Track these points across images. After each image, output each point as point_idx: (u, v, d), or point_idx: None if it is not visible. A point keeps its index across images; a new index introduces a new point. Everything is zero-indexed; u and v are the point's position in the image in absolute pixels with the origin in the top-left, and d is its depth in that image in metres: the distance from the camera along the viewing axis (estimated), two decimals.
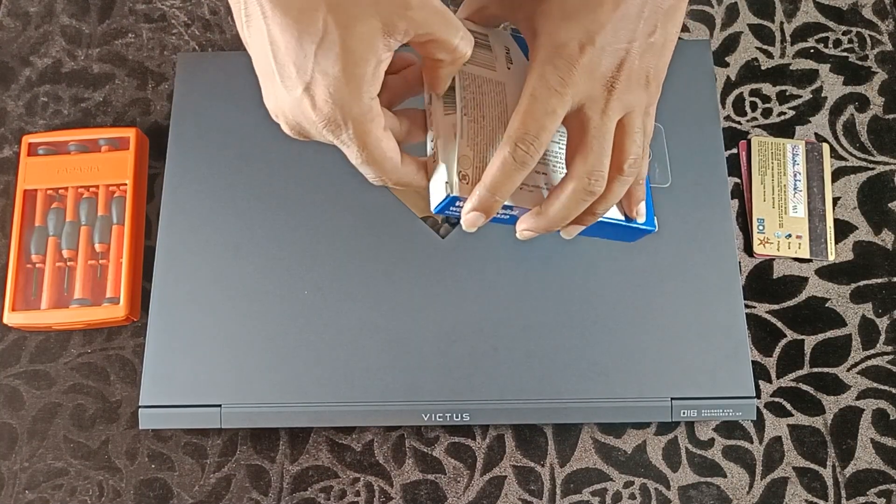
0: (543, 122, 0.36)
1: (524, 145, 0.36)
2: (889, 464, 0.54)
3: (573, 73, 0.36)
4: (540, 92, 0.36)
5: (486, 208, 0.38)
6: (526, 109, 0.36)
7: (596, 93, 0.37)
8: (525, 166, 0.37)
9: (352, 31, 0.33)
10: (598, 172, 0.38)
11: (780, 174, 0.60)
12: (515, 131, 0.36)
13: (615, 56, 0.37)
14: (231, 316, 0.54)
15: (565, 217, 0.40)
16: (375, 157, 0.36)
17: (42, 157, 0.60)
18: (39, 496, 0.54)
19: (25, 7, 0.67)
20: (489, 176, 0.37)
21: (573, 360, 0.53)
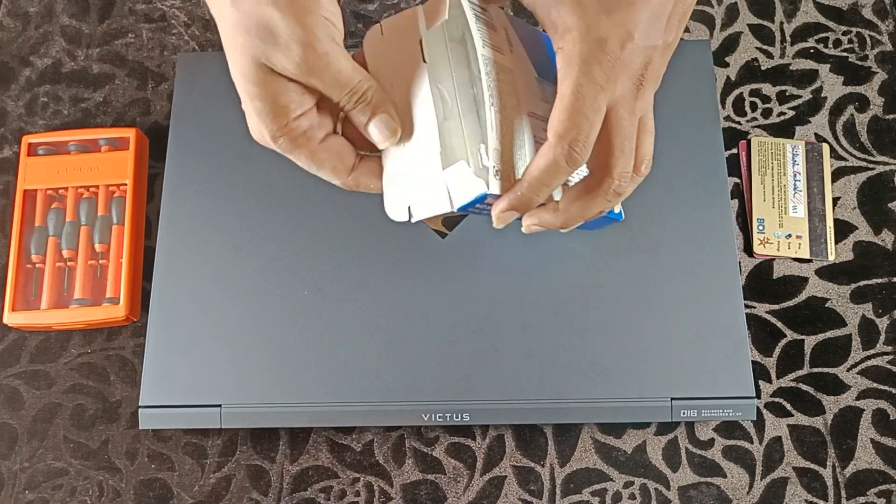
0: (593, 120, 0.35)
1: (577, 146, 0.35)
2: (889, 464, 0.54)
3: (615, 70, 0.35)
4: (587, 89, 0.35)
5: (523, 207, 0.37)
6: (575, 107, 0.35)
7: (628, 92, 0.36)
8: (576, 165, 0.36)
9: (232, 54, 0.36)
10: (627, 174, 0.37)
11: (780, 174, 0.60)
12: (567, 131, 0.35)
13: (645, 55, 0.36)
14: (231, 316, 0.54)
15: (584, 217, 0.39)
16: (317, 168, 0.38)
17: (42, 157, 0.60)
18: (39, 496, 0.54)
19: (25, 7, 0.67)
20: (533, 175, 0.36)
21: (573, 360, 0.53)
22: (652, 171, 0.57)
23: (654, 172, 0.57)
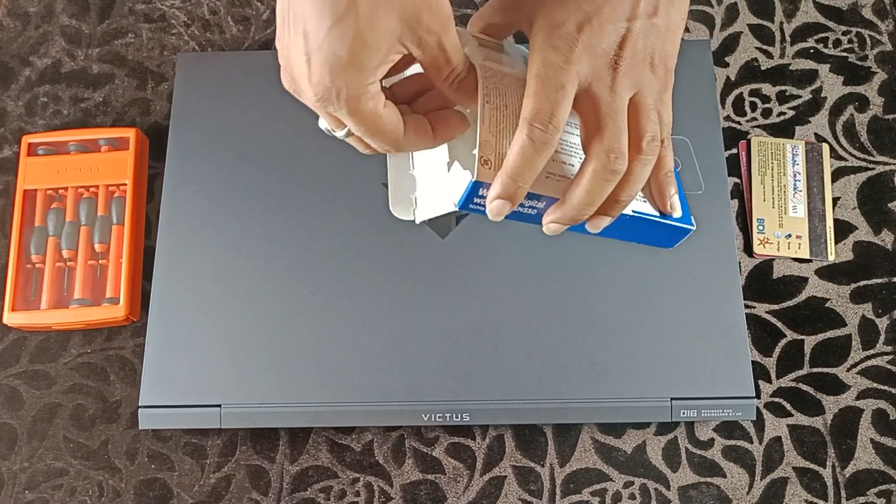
0: (555, 98, 0.36)
1: (540, 124, 0.36)
2: (889, 464, 0.54)
3: (574, 50, 0.36)
4: (544, 71, 0.36)
5: (510, 195, 0.38)
6: (535, 90, 0.36)
7: (601, 71, 0.37)
8: (545, 146, 0.36)
9: (374, 22, 0.33)
10: (617, 149, 0.37)
11: (780, 174, 0.60)
12: (529, 112, 0.36)
13: (616, 34, 0.37)
14: (231, 316, 0.54)
15: (589, 203, 0.39)
16: (376, 130, 0.37)
17: (42, 157, 0.60)
18: (39, 496, 0.54)
19: (25, 7, 0.67)
20: (510, 161, 0.37)
21: (573, 360, 0.53)
22: None
23: None
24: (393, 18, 0.33)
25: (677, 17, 0.38)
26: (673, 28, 0.38)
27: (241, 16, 0.66)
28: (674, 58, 0.39)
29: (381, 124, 0.36)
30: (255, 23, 0.66)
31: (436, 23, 0.34)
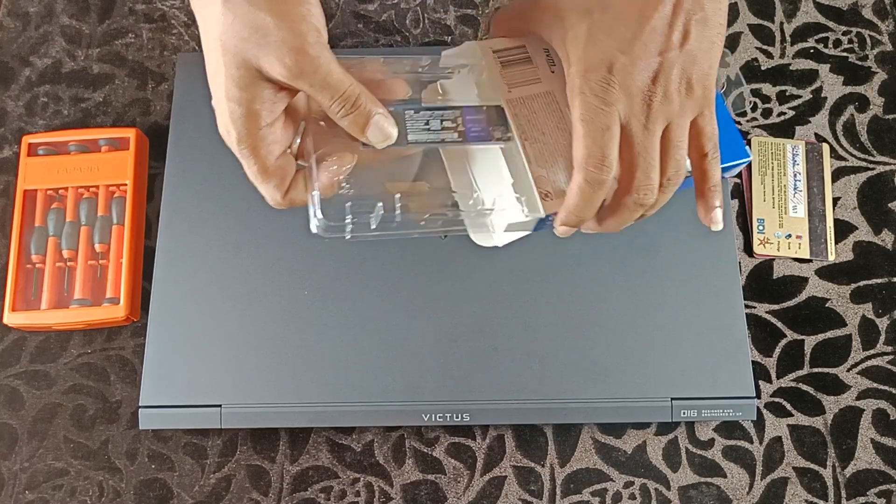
0: (602, 140, 0.37)
1: (594, 168, 0.38)
2: (889, 464, 0.54)
3: (611, 92, 0.37)
4: (588, 115, 0.37)
5: (575, 225, 0.41)
6: (583, 135, 0.38)
7: (636, 108, 0.38)
8: (601, 185, 0.38)
9: (229, 72, 0.37)
10: (648, 187, 0.39)
11: (780, 174, 0.60)
12: (582, 157, 0.38)
13: (648, 70, 0.37)
14: (231, 316, 0.54)
15: (618, 227, 0.42)
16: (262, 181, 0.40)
17: (42, 158, 0.60)
18: (39, 496, 0.54)
19: (25, 7, 0.67)
20: (571, 201, 0.39)
21: (573, 360, 0.53)
22: None
23: None
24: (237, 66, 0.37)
25: (713, 33, 0.39)
26: (707, 48, 0.39)
27: None
28: (712, 74, 0.39)
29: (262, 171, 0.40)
30: None
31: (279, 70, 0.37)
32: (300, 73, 0.37)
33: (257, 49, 0.37)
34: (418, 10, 0.66)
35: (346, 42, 0.65)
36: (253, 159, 0.40)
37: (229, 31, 0.37)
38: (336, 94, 0.38)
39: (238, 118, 0.39)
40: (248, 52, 0.37)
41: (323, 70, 0.37)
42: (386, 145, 0.40)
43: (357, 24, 0.66)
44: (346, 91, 0.38)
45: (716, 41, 0.39)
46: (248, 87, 0.38)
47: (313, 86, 0.37)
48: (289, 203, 0.42)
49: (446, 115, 0.43)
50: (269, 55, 0.36)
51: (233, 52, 0.37)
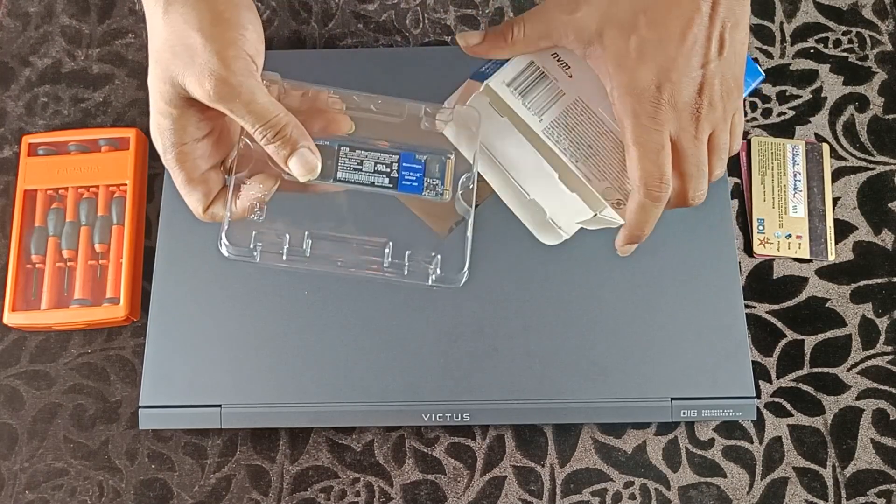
0: (657, 159, 0.39)
1: (654, 187, 0.39)
2: (889, 464, 0.54)
3: (661, 111, 0.38)
4: (642, 137, 0.39)
5: (638, 241, 0.43)
6: (639, 156, 0.39)
7: (685, 122, 0.39)
8: (660, 201, 0.40)
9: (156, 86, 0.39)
10: (701, 192, 0.41)
11: (780, 174, 0.60)
12: (640, 178, 0.39)
13: (693, 84, 0.39)
14: (231, 316, 0.54)
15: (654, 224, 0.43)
16: (185, 193, 0.41)
17: (42, 158, 0.60)
18: (39, 496, 0.54)
19: (25, 7, 0.67)
20: (632, 219, 0.41)
21: (573, 360, 0.53)
22: None
23: None
24: (164, 82, 0.38)
25: (743, 35, 0.40)
26: (739, 50, 0.40)
27: None
28: (742, 73, 0.41)
29: (186, 184, 0.41)
30: None
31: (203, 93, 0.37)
32: (219, 98, 0.37)
33: (184, 68, 0.37)
34: (418, 10, 0.66)
35: (347, 42, 0.65)
36: (177, 171, 0.40)
37: (164, 46, 0.38)
38: (259, 121, 0.38)
39: (164, 131, 0.39)
40: (175, 70, 0.37)
41: (244, 97, 0.37)
42: (308, 179, 0.40)
43: (357, 24, 0.66)
44: (272, 119, 0.38)
45: (745, 40, 0.40)
46: (173, 102, 0.38)
47: (234, 111, 0.38)
48: (209, 217, 0.42)
49: (382, 158, 0.42)
50: (192, 76, 0.37)
51: (163, 66, 0.38)
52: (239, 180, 0.41)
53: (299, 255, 0.42)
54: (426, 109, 0.43)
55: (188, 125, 0.39)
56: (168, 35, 0.38)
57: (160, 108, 0.39)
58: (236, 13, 0.38)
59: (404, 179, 0.42)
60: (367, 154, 0.42)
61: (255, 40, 0.39)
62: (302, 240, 0.42)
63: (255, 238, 0.41)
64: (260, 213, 0.41)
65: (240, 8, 0.38)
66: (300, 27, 0.66)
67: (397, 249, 0.42)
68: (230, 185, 0.41)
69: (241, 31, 0.38)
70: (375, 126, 0.43)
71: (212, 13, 0.37)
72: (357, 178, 0.42)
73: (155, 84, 0.38)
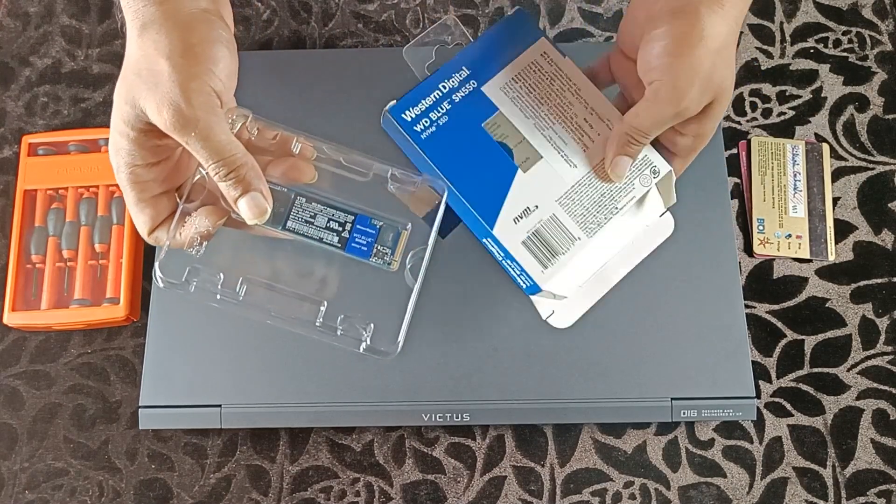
0: None
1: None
2: (889, 464, 0.54)
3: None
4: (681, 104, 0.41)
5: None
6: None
7: None
8: None
9: (118, 105, 0.39)
10: None
11: (780, 174, 0.60)
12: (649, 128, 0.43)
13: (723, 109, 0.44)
14: (231, 316, 0.54)
15: None
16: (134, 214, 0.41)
17: (42, 158, 0.60)
18: (39, 496, 0.54)
19: (25, 7, 0.67)
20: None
21: (573, 360, 0.53)
22: None
23: None
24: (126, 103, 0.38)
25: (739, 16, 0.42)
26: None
27: (241, 16, 0.66)
28: None
29: (133, 206, 0.41)
30: (255, 23, 0.66)
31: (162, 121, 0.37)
32: (174, 128, 0.37)
33: (147, 93, 0.37)
34: (418, 10, 0.66)
35: (346, 42, 0.65)
36: (127, 190, 0.40)
37: (132, 67, 0.38)
38: (214, 157, 0.38)
39: (119, 150, 0.39)
40: (138, 93, 0.37)
41: (201, 132, 0.37)
42: (256, 223, 0.40)
43: (357, 24, 0.66)
44: (227, 158, 0.38)
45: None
46: (131, 124, 0.38)
47: (189, 144, 0.37)
48: (154, 241, 0.42)
49: (337, 215, 0.42)
50: (153, 102, 0.37)
51: (127, 87, 0.38)
52: (186, 210, 0.41)
53: (232, 298, 0.41)
54: (393, 173, 0.42)
55: (143, 148, 0.39)
56: (138, 58, 0.38)
57: (119, 127, 0.39)
58: (208, 48, 0.38)
59: (354, 241, 0.42)
60: (323, 209, 0.42)
61: (225, 76, 0.39)
62: (236, 283, 0.41)
63: (189, 273, 0.41)
64: (199, 247, 0.41)
65: (213, 43, 0.38)
66: (300, 27, 0.66)
67: (330, 312, 0.42)
68: (178, 212, 0.41)
69: (210, 66, 0.38)
70: (339, 181, 0.42)
71: (183, 44, 0.37)
72: (306, 230, 0.41)
73: (118, 103, 0.39)
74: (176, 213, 0.41)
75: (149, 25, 0.38)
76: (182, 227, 0.41)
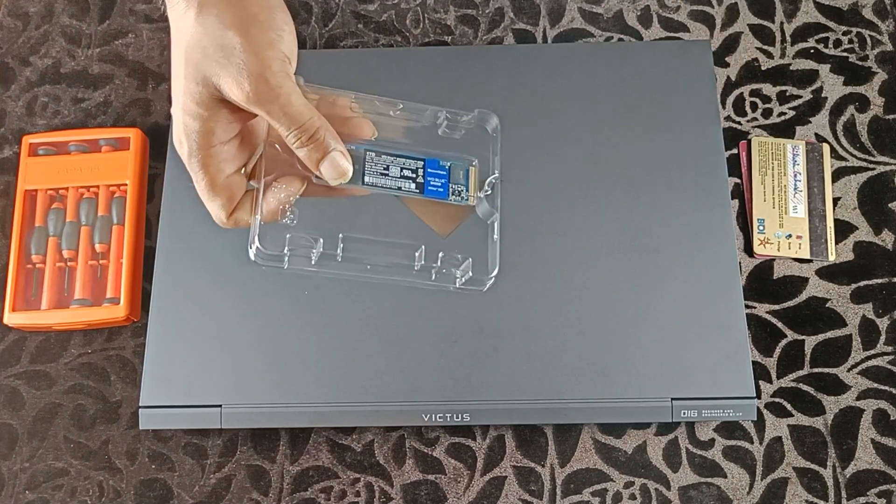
0: None
1: None
2: (889, 464, 0.54)
3: None
4: None
5: None
6: None
7: None
8: None
9: (187, 86, 0.37)
10: None
11: (781, 174, 0.60)
12: None
13: None
14: (231, 316, 0.54)
15: None
16: (209, 199, 0.40)
17: (42, 158, 0.60)
18: (39, 496, 0.54)
19: (25, 7, 0.67)
20: None
21: (573, 360, 0.53)
22: (652, 171, 0.57)
23: (654, 172, 0.57)
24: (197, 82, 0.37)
25: None
26: None
27: None
28: None
29: (212, 188, 0.40)
30: None
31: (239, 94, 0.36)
32: (257, 99, 0.37)
33: (219, 68, 0.36)
34: (418, 10, 0.66)
35: (347, 42, 0.65)
36: (202, 174, 0.40)
37: (195, 46, 0.37)
38: (294, 124, 0.38)
39: (191, 133, 0.38)
40: (210, 70, 0.37)
41: (282, 99, 0.37)
42: (339, 183, 0.40)
43: (357, 24, 0.66)
44: (306, 123, 0.38)
45: None
46: (204, 104, 0.38)
47: (270, 113, 0.37)
48: (233, 224, 0.42)
49: (408, 163, 0.42)
50: (229, 77, 0.36)
51: (195, 66, 0.37)
52: (267, 184, 0.41)
53: (330, 259, 0.42)
54: (446, 115, 0.43)
55: (216, 128, 0.38)
56: (200, 36, 0.37)
57: (189, 109, 0.38)
58: (271, 14, 0.38)
59: (430, 185, 0.43)
60: (393, 159, 0.42)
61: (291, 41, 0.38)
62: (336, 243, 0.42)
63: (290, 242, 0.41)
64: (292, 216, 0.41)
65: (273, 10, 0.38)
66: (300, 27, 0.66)
67: (429, 253, 0.43)
68: (260, 187, 0.40)
69: (278, 32, 0.37)
70: (395, 131, 0.43)
71: (247, 14, 0.37)
72: (384, 182, 0.42)
73: (186, 85, 0.38)
74: (259, 189, 0.41)
75: (207, 3, 0.37)
76: (266, 202, 0.40)
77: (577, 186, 0.56)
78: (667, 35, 0.65)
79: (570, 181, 0.57)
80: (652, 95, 0.58)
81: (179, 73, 0.38)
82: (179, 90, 0.38)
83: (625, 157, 0.57)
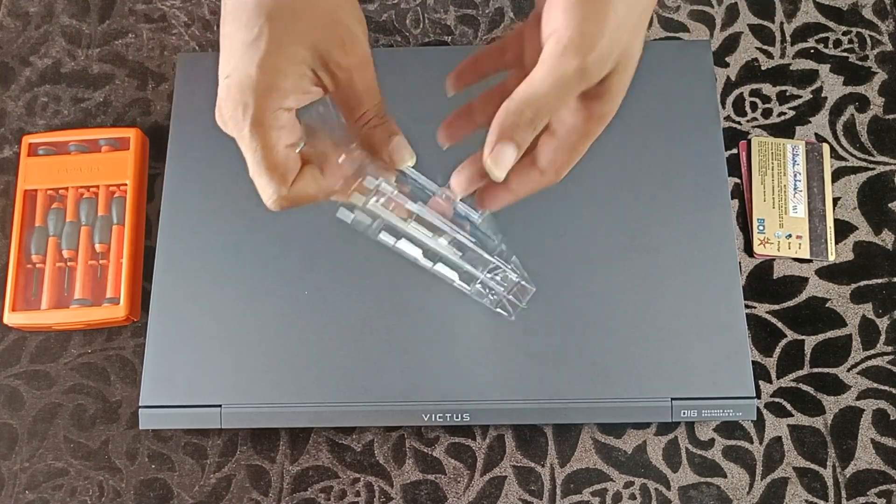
0: None
1: None
2: (889, 464, 0.54)
3: None
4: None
5: None
6: None
7: None
8: None
9: (282, 47, 0.35)
10: None
11: (781, 174, 0.60)
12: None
13: None
14: (231, 316, 0.54)
15: None
16: (269, 163, 0.36)
17: (42, 158, 0.60)
18: (39, 496, 0.54)
19: (25, 7, 0.67)
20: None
21: (573, 360, 0.53)
22: (652, 171, 0.57)
23: (655, 172, 0.57)
24: (302, 46, 0.35)
25: None
26: None
27: None
28: None
29: (273, 158, 0.36)
30: None
31: (347, 60, 0.35)
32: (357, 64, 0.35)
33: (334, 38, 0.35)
34: (418, 10, 0.66)
35: None
36: (261, 142, 0.36)
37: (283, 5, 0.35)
38: (376, 98, 0.37)
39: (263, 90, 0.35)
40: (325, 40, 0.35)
41: (372, 70, 0.36)
42: (408, 164, 0.40)
43: None
44: (379, 101, 0.37)
45: None
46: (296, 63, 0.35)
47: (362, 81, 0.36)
48: (291, 199, 0.39)
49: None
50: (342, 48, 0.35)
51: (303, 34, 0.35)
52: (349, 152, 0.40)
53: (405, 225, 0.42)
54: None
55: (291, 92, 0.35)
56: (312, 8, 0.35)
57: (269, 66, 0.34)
58: None
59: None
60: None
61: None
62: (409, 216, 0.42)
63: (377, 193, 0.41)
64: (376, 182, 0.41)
65: None
66: None
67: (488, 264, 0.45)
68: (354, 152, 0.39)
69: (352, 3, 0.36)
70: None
71: None
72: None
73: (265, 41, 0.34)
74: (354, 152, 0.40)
75: None
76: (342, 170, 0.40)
77: (576, 186, 0.56)
78: (667, 35, 0.65)
79: (569, 181, 0.57)
80: (652, 95, 0.58)
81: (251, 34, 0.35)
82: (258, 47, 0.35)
83: (624, 156, 0.57)
